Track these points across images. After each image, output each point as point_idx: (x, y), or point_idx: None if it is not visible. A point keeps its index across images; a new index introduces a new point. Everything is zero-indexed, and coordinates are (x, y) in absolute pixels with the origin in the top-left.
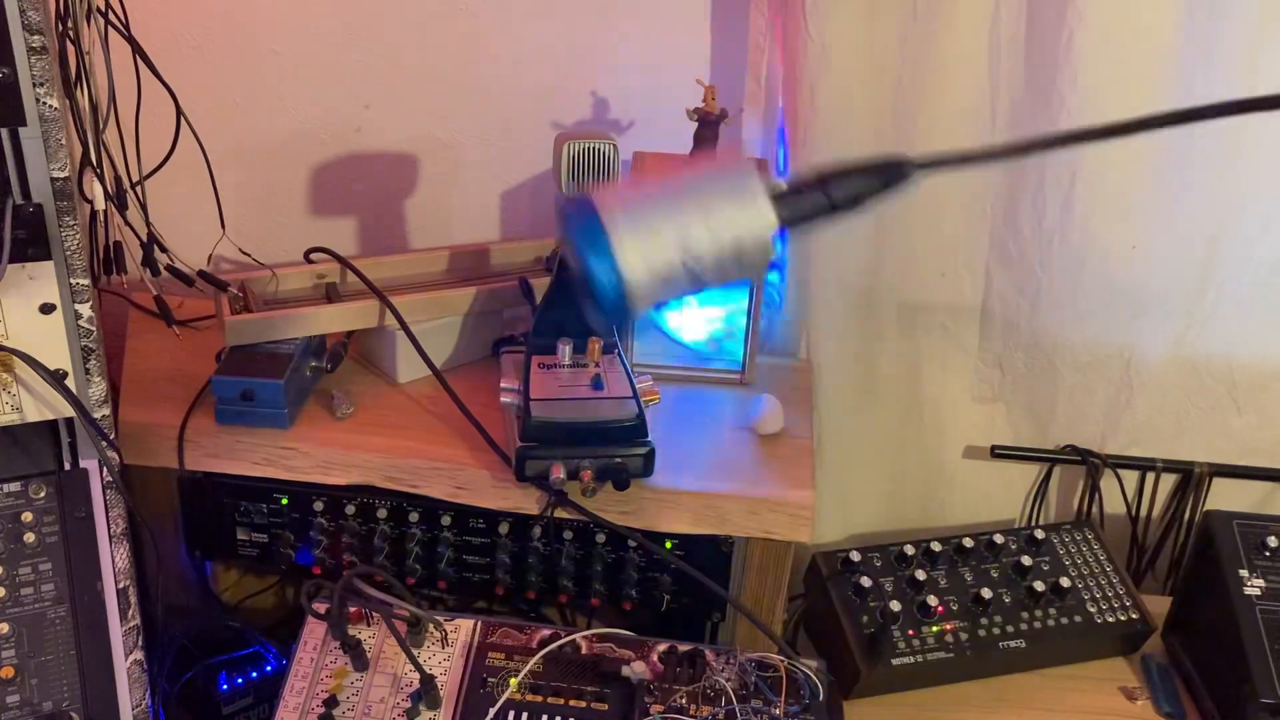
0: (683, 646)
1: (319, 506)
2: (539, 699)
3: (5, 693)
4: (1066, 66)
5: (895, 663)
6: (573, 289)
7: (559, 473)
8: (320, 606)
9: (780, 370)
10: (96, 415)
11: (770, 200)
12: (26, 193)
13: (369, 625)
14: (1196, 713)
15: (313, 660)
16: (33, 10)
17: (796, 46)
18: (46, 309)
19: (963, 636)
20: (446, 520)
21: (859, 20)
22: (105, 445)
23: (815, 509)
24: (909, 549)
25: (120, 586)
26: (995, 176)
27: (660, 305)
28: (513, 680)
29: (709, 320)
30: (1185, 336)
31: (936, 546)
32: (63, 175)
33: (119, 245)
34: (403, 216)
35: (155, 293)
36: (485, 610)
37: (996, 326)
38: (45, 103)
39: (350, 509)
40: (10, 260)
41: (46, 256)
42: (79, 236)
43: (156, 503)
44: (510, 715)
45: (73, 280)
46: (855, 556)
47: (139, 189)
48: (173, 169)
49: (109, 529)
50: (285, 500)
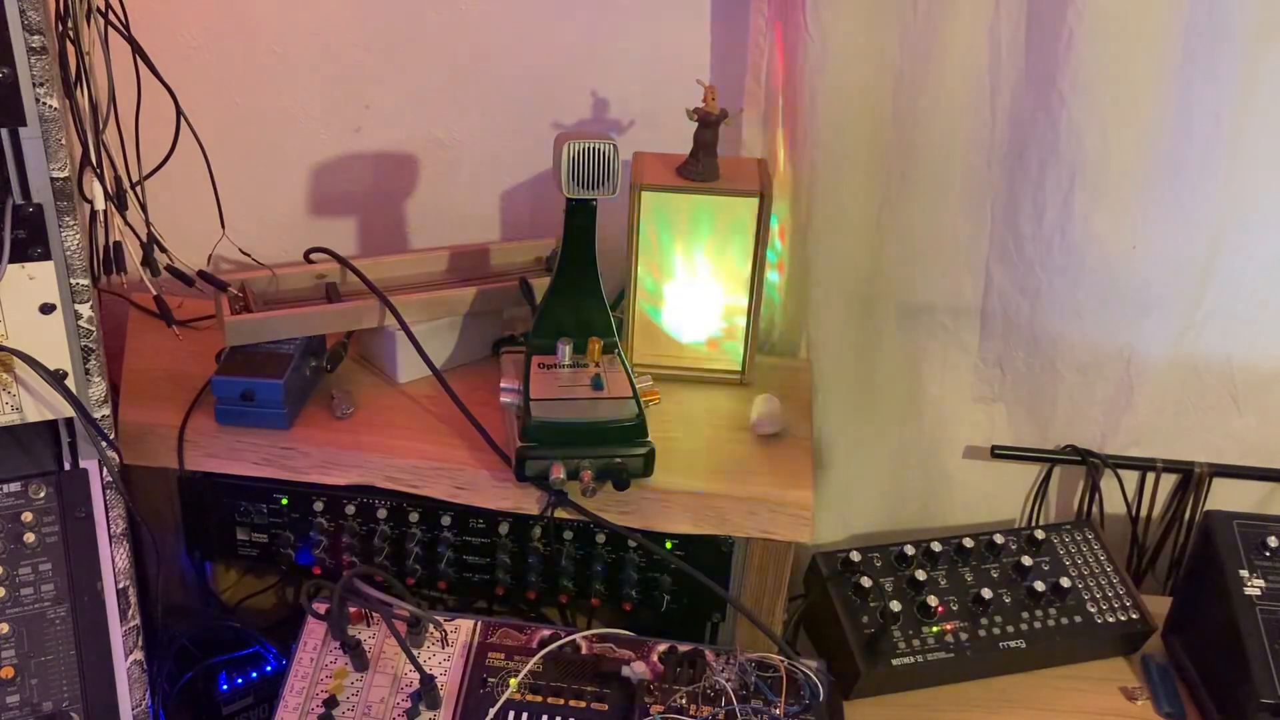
0: (683, 646)
1: (319, 506)
2: (539, 699)
3: (5, 693)
4: (1066, 66)
5: (895, 663)
6: (573, 289)
7: (559, 473)
8: (320, 606)
9: (780, 370)
10: (96, 415)
11: None
12: (26, 193)
13: (369, 625)
14: (1196, 713)
15: (313, 660)
16: (33, 10)
17: (796, 46)
18: (46, 309)
19: (963, 636)
20: (446, 520)
21: (859, 20)
22: (105, 445)
23: (815, 509)
24: (909, 549)
25: (120, 586)
26: (995, 176)
27: None
28: (513, 680)
29: (709, 320)
30: (1185, 336)
31: (936, 546)
32: (63, 175)
33: (119, 245)
34: (403, 216)
35: (155, 293)
36: (485, 610)
37: (996, 326)
38: (45, 103)
39: (350, 509)
40: (10, 260)
41: (46, 256)
42: (79, 236)
43: (156, 503)
44: (510, 715)
45: (73, 280)
46: (855, 556)
47: (139, 189)
48: (173, 169)
49: (109, 529)
50: (285, 500)
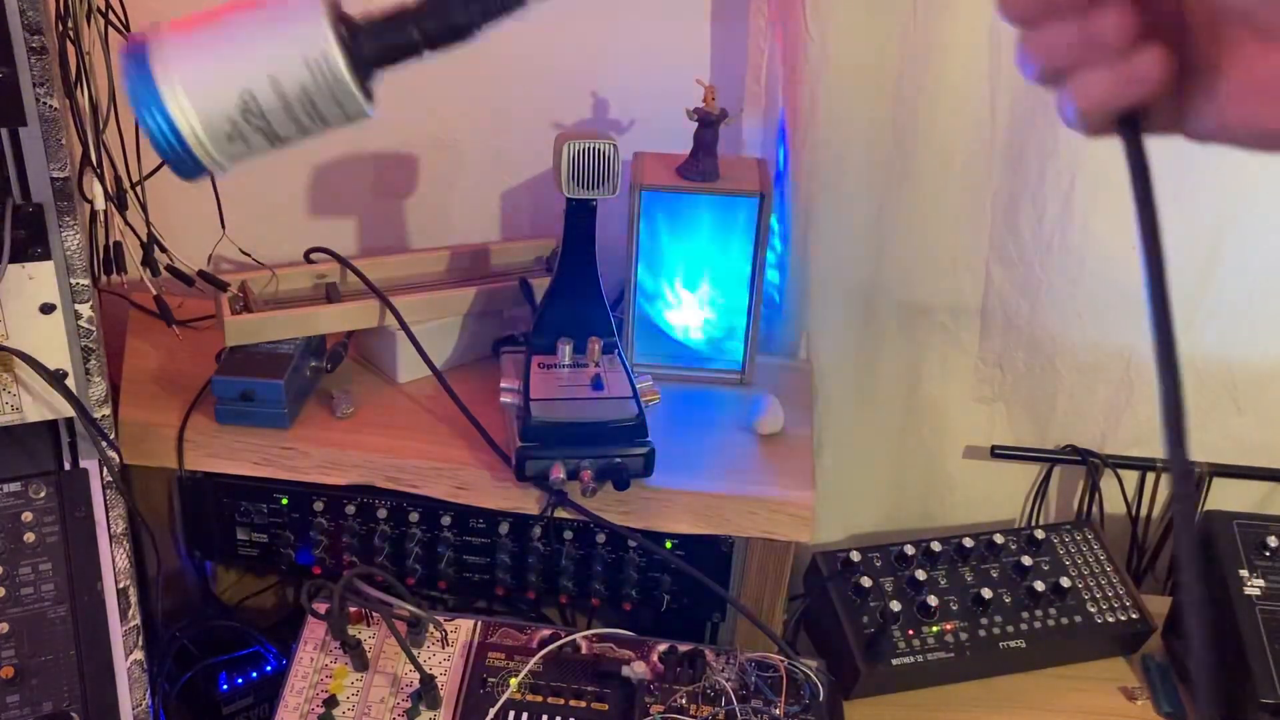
0: (683, 646)
1: (319, 506)
2: (539, 699)
3: (5, 693)
4: None
5: (895, 663)
6: (573, 289)
7: (559, 473)
8: (320, 606)
9: (780, 370)
10: (96, 415)
11: (338, 38)
12: (26, 193)
13: (369, 625)
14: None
15: (313, 660)
16: (33, 10)
17: (796, 46)
18: (46, 309)
19: (963, 636)
20: (446, 520)
21: (859, 20)
22: (105, 445)
23: (815, 509)
24: (909, 549)
25: (120, 586)
26: (995, 176)
27: (244, 156)
28: (513, 680)
29: (709, 320)
30: (1185, 336)
31: (936, 546)
32: (63, 175)
33: (119, 245)
34: (403, 216)
35: (155, 293)
36: (485, 610)
37: (996, 326)
38: (45, 103)
39: (350, 509)
40: (10, 260)
41: (46, 256)
42: (79, 236)
43: (156, 503)
44: (510, 715)
45: (73, 280)
46: (855, 556)
47: (139, 189)
48: None
49: (109, 529)
50: (285, 500)
